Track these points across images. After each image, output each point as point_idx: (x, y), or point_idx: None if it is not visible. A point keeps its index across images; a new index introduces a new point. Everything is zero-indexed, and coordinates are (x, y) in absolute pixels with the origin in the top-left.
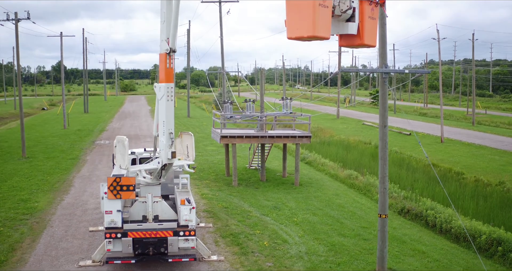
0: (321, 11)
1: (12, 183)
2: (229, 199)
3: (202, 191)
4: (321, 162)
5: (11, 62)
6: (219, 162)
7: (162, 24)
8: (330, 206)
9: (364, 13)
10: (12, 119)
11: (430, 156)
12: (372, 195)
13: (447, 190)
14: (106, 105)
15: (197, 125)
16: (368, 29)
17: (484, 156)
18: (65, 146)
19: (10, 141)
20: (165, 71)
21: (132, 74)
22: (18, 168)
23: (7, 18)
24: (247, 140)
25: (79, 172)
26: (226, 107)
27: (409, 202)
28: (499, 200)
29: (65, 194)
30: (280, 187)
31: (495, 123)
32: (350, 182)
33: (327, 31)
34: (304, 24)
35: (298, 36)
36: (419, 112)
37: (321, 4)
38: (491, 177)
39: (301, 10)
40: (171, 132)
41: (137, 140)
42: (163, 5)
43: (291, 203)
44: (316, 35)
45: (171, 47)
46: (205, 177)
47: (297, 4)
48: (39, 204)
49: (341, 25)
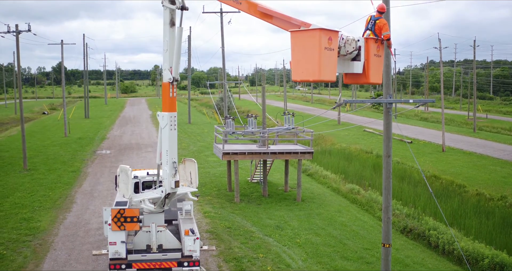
0: (327, 55)
1: (14, 199)
2: (232, 218)
3: (204, 208)
4: (322, 175)
5: (11, 63)
6: (221, 174)
7: (164, 52)
8: (332, 224)
9: (370, 51)
10: (13, 124)
11: (432, 166)
12: (374, 212)
13: (449, 206)
14: (106, 109)
15: (198, 132)
16: (373, 68)
17: (486, 166)
18: (66, 156)
19: (11, 150)
20: (168, 100)
21: (132, 75)
22: (19, 181)
23: (8, 30)
24: (249, 156)
25: (80, 186)
26: (228, 123)
27: (411, 221)
28: (501, 218)
29: (67, 211)
30: (282, 203)
31: (496, 129)
32: (352, 197)
33: (333, 74)
34: (310, 68)
35: (303, 79)
36: (420, 117)
37: (326, 47)
38: (493, 191)
39: (307, 53)
40: (175, 161)
41: (139, 150)
42: (165, 33)
43: (293, 222)
44: (321, 80)
45: (174, 77)
46: (207, 192)
47: (303, 47)
48: (41, 224)
49: (347, 64)
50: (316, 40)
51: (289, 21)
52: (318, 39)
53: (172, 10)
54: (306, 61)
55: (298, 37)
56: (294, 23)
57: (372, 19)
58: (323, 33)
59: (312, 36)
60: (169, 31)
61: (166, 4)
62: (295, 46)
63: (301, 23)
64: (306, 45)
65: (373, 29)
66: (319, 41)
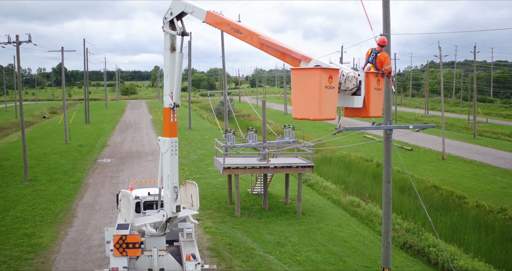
0: (327, 93)
1: (16, 213)
2: (233, 233)
3: (205, 223)
4: (323, 185)
5: (11, 64)
6: (221, 185)
7: (165, 78)
8: (332, 240)
9: (370, 85)
10: (13, 129)
11: (432, 175)
12: (374, 226)
13: (449, 220)
14: (107, 113)
15: (198, 139)
16: (373, 101)
17: (486, 176)
18: (67, 165)
19: (12, 158)
20: (169, 125)
21: (132, 76)
22: (21, 193)
23: (8, 41)
24: (249, 170)
25: (82, 199)
26: (229, 137)
27: (411, 236)
28: (501, 233)
29: (69, 226)
30: (282, 217)
31: (496, 134)
32: (352, 210)
33: (333, 112)
34: (310, 106)
35: (303, 118)
36: (420, 122)
37: (327, 86)
38: (493, 202)
39: (307, 91)
40: (176, 186)
41: (139, 159)
42: (166, 59)
43: (294, 238)
44: (322, 119)
45: (175, 102)
46: (208, 205)
47: (304, 85)
48: (43, 240)
49: (347, 99)
50: (316, 79)
51: (289, 54)
52: (319, 78)
53: (173, 36)
54: (306, 99)
55: (298, 75)
56: (295, 56)
57: (373, 52)
58: (324, 72)
59: (312, 75)
60: (169, 56)
61: (166, 29)
62: (295, 84)
63: (302, 56)
64: (306, 84)
65: (374, 62)
66: (319, 80)
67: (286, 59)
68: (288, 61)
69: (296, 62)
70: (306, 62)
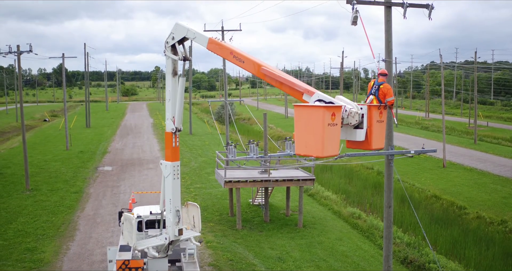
0: (330, 131)
1: (18, 226)
2: (234, 248)
3: (207, 237)
4: (324, 196)
5: (11, 65)
6: (222, 195)
7: (167, 102)
8: (333, 255)
9: (373, 118)
10: (14, 133)
11: (432, 184)
12: (375, 239)
13: (450, 234)
14: (108, 116)
15: (199, 145)
16: (376, 134)
17: (486, 185)
18: (68, 174)
19: (13, 166)
20: (171, 149)
21: (133, 76)
22: (22, 204)
23: (9, 51)
24: (251, 184)
25: (83, 210)
26: (230, 150)
27: (412, 251)
28: (501, 246)
29: (71, 240)
30: (283, 230)
31: (497, 139)
32: (353, 222)
33: (336, 149)
34: (313, 144)
35: (306, 154)
36: (420, 126)
37: (330, 124)
38: (493, 213)
39: (310, 129)
40: (178, 210)
41: (140, 167)
42: (168, 83)
43: (295, 252)
44: (324, 156)
45: (177, 127)
46: (209, 217)
47: (307, 122)
48: (45, 255)
49: (349, 131)
50: (319, 117)
51: (292, 86)
52: (322, 117)
53: (175, 60)
54: (309, 136)
55: (301, 112)
56: (297, 89)
57: (376, 84)
58: (327, 110)
59: (315, 112)
60: (171, 80)
61: (168, 54)
62: (298, 120)
63: (304, 90)
64: (309, 121)
65: (376, 94)
66: (322, 118)
67: (288, 91)
68: (290, 92)
69: (298, 94)
70: (308, 95)
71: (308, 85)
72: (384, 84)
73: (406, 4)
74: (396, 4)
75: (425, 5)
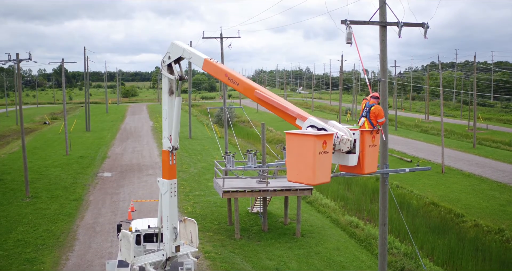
0: (321, 159)
1: (17, 235)
2: (232, 259)
3: (205, 247)
4: (322, 203)
5: (11, 65)
6: (221, 203)
7: (164, 120)
8: (331, 265)
9: (365, 143)
10: (14, 137)
11: (430, 191)
12: (372, 249)
13: (447, 244)
14: (107, 119)
15: (198, 150)
16: (368, 159)
17: (485, 191)
18: (68, 180)
19: (13, 172)
20: (168, 167)
21: (133, 77)
22: (22, 212)
23: (9, 59)
24: (249, 194)
25: (82, 219)
26: (228, 160)
27: (408, 261)
28: (497, 256)
29: (70, 250)
30: (281, 239)
31: (496, 143)
32: (351, 231)
33: (327, 176)
34: (304, 172)
35: (298, 181)
36: (420, 128)
37: (321, 152)
38: (491, 221)
39: (302, 157)
40: (175, 227)
41: (140, 173)
42: (165, 102)
43: (292, 263)
44: (316, 184)
45: (174, 146)
46: (207, 227)
47: (298, 150)
48: (45, 266)
49: (342, 156)
50: (310, 146)
51: (285, 111)
52: (313, 145)
53: (171, 80)
54: (300, 164)
55: (293, 140)
56: (290, 114)
57: (367, 106)
58: (318, 139)
59: (306, 141)
60: (168, 99)
61: (164, 73)
62: (290, 147)
63: (297, 115)
64: (300, 149)
65: (368, 116)
66: (313, 147)
67: (281, 115)
68: (283, 117)
69: (291, 119)
70: (301, 120)
71: (302, 110)
72: (375, 105)
73: (401, 24)
74: (391, 24)
75: (421, 24)
